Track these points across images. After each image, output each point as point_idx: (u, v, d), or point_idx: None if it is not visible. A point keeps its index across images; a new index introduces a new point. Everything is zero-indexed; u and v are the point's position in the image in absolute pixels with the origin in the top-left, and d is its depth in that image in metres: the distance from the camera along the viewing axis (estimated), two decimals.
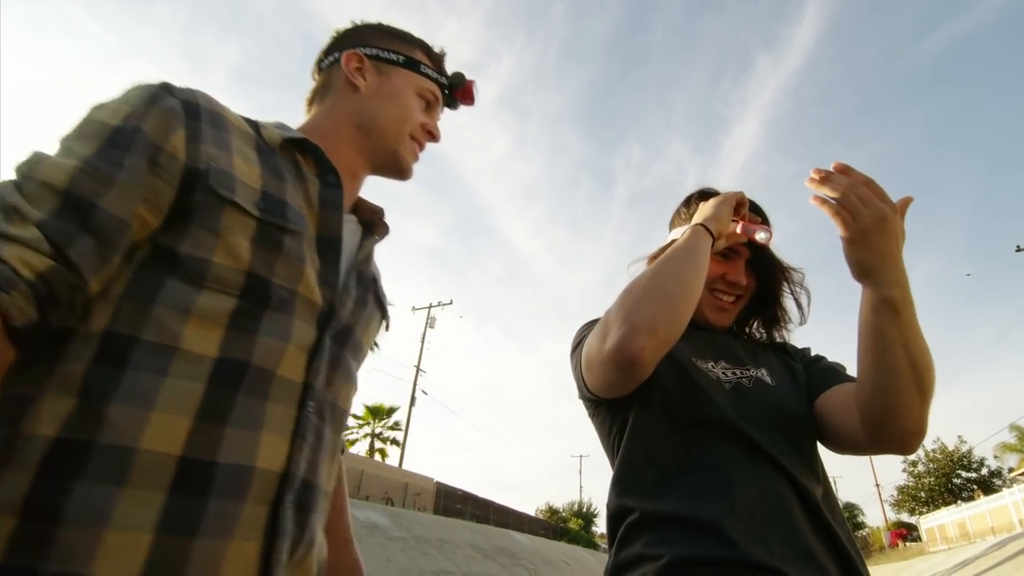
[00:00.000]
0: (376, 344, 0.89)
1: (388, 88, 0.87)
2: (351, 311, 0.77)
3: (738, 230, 1.03)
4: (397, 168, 0.89)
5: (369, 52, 0.88)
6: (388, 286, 0.93)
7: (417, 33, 0.94)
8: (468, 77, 0.95)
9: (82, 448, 0.51)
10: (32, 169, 0.57)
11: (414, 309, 24.92)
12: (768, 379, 0.99)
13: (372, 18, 0.95)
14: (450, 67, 0.96)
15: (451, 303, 25.00)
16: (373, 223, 0.88)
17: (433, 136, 0.92)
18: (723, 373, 0.98)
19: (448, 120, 1.00)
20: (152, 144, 0.62)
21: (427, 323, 24.17)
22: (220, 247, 0.63)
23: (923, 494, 43.31)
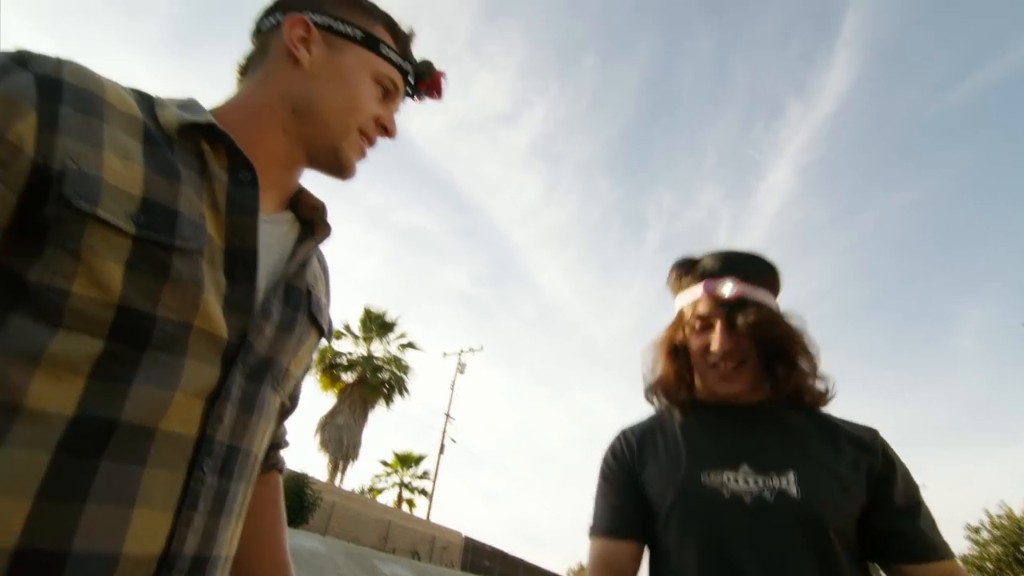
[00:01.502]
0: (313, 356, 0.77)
1: (337, 67, 0.72)
2: (272, 338, 0.64)
3: (699, 291, 0.98)
4: (336, 166, 0.74)
5: (319, 20, 0.72)
6: (417, 330, 0.73)
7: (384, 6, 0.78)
8: (437, 68, 0.80)
9: None
10: None
11: (445, 355, 24.98)
12: (794, 489, 0.88)
13: None
14: (418, 51, 0.81)
15: (481, 349, 25.00)
16: (314, 221, 0.75)
17: (387, 131, 0.77)
18: (743, 482, 0.90)
19: (480, 167, 0.83)
20: None
21: (457, 369, 24.05)
22: (82, 273, 0.49)
23: (989, 564, 40.11)
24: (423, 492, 27.36)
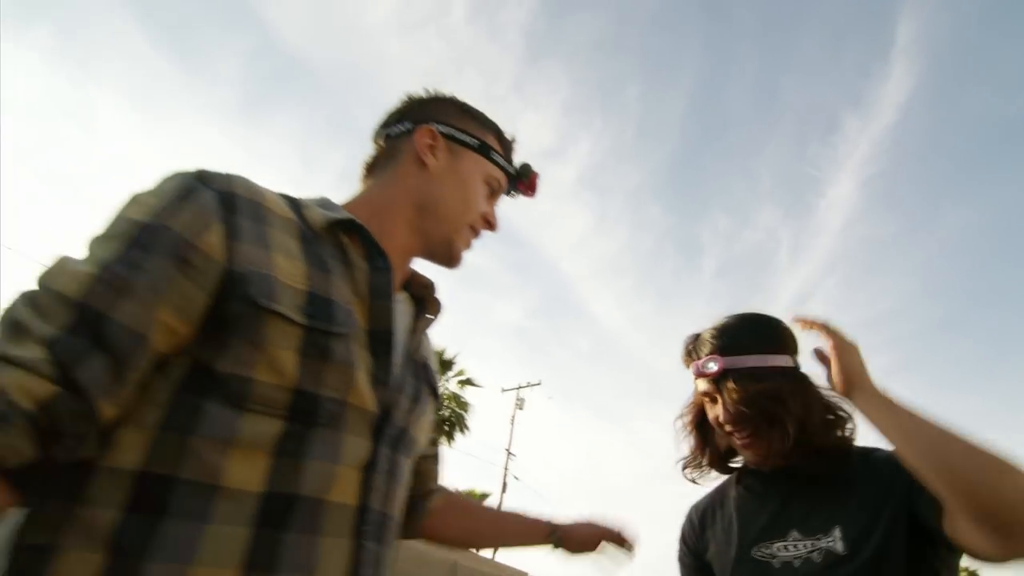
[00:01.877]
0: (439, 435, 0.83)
1: (458, 171, 0.81)
2: (407, 410, 0.71)
3: (692, 373, 1.06)
4: (448, 256, 0.83)
5: (444, 130, 0.81)
6: (473, 365, 0.92)
7: (491, 115, 0.90)
8: (534, 168, 0.91)
9: None
10: (50, 278, 0.51)
11: (503, 390, 24.78)
12: (839, 545, 0.89)
13: (445, 89, 0.89)
14: (517, 156, 0.92)
15: (539, 383, 24.66)
16: (424, 299, 0.82)
17: (491, 225, 0.86)
18: (791, 548, 0.93)
19: (529, 202, 0.97)
20: (183, 243, 0.55)
21: (516, 404, 23.85)
22: (263, 362, 0.56)
23: None
24: None
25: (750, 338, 1.02)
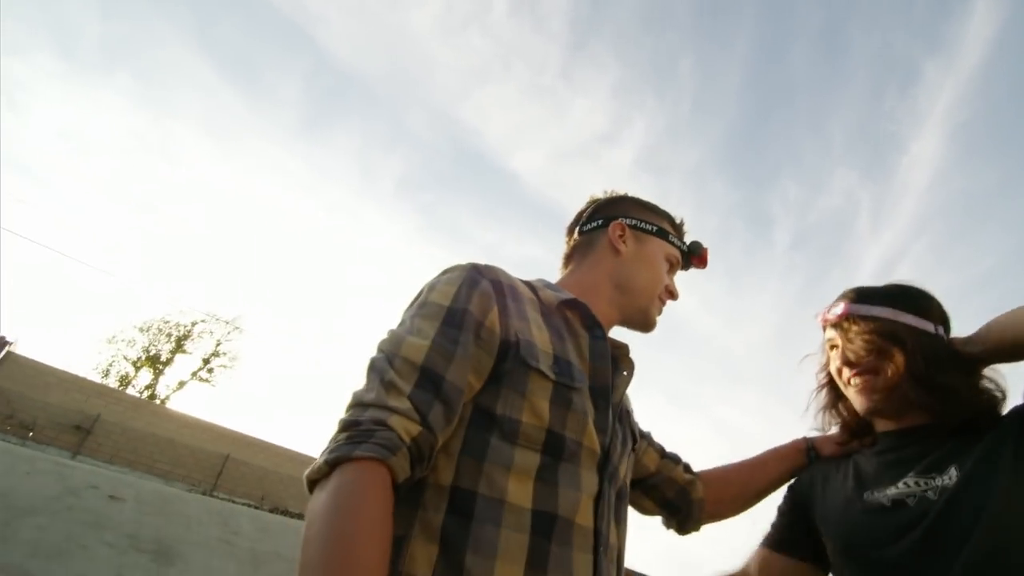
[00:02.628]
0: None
1: (644, 254, 0.99)
2: (619, 452, 0.84)
3: (820, 322, 1.11)
4: (645, 323, 1.00)
5: (629, 222, 1.01)
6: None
7: (664, 206, 1.09)
8: (704, 245, 1.08)
9: None
10: (395, 347, 0.72)
11: None
12: (953, 481, 0.86)
13: (624, 190, 1.09)
14: (688, 235, 1.09)
15: None
16: (618, 358, 0.94)
17: (673, 295, 1.03)
18: (903, 487, 0.91)
19: (586, 189, 1.16)
20: (477, 322, 0.74)
21: None
22: (527, 408, 0.73)
23: None
24: None
25: (885, 295, 1.03)
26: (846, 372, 1.02)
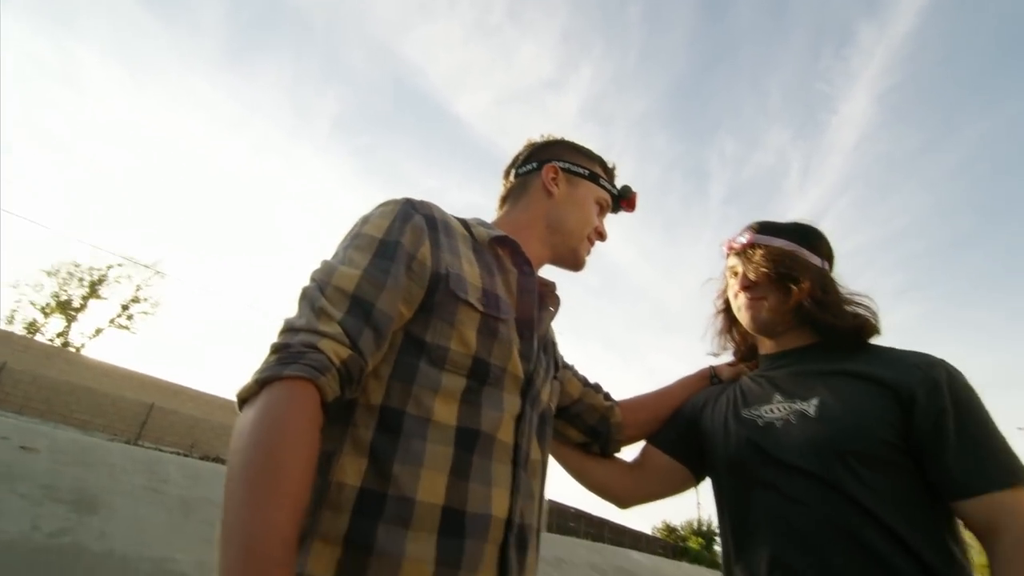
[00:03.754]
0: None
1: (576, 196, 1.04)
2: (542, 379, 0.90)
3: (726, 250, 1.18)
4: (575, 262, 1.05)
5: (563, 165, 1.05)
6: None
7: (597, 150, 1.13)
8: (633, 189, 1.12)
9: (380, 497, 0.67)
10: (327, 276, 0.74)
11: None
12: (813, 411, 0.95)
13: (559, 134, 1.12)
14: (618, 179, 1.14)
15: None
16: (545, 295, 1.00)
17: (602, 236, 1.09)
18: (775, 411, 1.00)
19: (529, 132, 1.14)
20: (408, 254, 0.78)
21: None
22: (455, 336, 0.78)
23: None
24: None
25: (786, 229, 1.11)
26: (742, 296, 1.10)
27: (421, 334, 0.77)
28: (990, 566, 0.81)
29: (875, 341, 1.03)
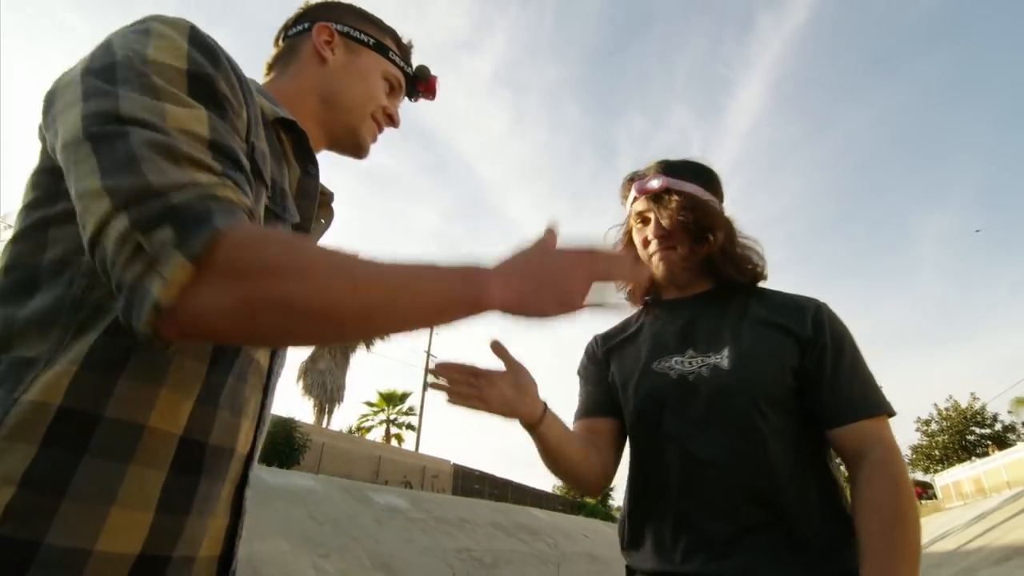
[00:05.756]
0: None
1: (356, 66, 0.86)
2: None
3: (634, 193, 1.11)
4: (355, 145, 0.89)
5: (341, 28, 0.87)
6: None
7: (389, 21, 0.94)
8: (432, 72, 0.96)
9: (89, 419, 0.50)
10: (158, 118, 0.51)
11: None
12: (726, 362, 0.97)
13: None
14: (416, 60, 0.97)
15: None
16: (321, 204, 0.85)
17: (393, 120, 0.92)
18: (687, 364, 1.01)
19: (444, 100, 1.06)
20: (224, 95, 0.59)
21: None
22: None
23: (937, 452, 43.45)
24: (410, 427, 28.13)
25: (693, 172, 1.10)
26: (655, 244, 1.07)
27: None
28: (852, 488, 0.87)
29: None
